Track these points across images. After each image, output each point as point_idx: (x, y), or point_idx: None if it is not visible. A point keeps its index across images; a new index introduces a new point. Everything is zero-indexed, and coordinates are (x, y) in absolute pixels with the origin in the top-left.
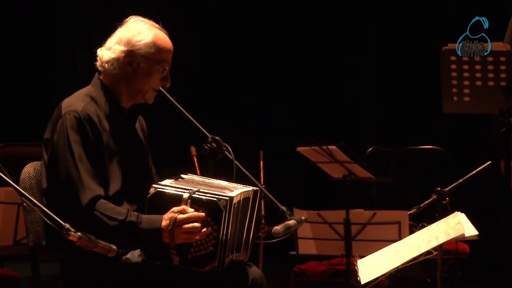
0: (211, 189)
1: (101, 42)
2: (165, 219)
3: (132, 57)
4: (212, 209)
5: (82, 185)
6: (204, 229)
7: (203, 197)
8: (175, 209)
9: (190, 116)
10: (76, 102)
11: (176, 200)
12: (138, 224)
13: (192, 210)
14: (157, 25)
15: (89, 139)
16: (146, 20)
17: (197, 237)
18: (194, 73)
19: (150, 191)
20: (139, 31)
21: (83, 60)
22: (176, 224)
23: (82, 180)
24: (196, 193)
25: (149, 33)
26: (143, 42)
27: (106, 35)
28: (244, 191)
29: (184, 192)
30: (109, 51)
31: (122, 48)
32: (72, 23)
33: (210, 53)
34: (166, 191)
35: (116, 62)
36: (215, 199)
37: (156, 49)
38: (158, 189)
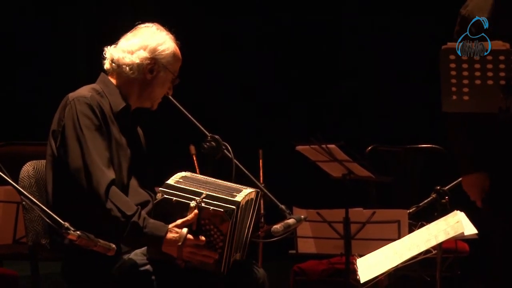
0: (218, 192)
1: (101, 42)
2: (172, 232)
3: (154, 64)
4: (219, 219)
5: (96, 169)
6: (206, 252)
7: (210, 208)
8: (180, 221)
9: (189, 114)
10: (83, 92)
11: (183, 208)
12: (143, 228)
13: (203, 240)
14: (170, 34)
15: (100, 124)
16: (162, 27)
17: (201, 256)
18: (193, 72)
19: (157, 196)
20: (163, 41)
21: (83, 60)
22: (185, 243)
23: (97, 164)
24: (204, 200)
25: (171, 43)
26: (166, 52)
27: (107, 35)
28: (249, 192)
29: (191, 200)
30: (130, 55)
31: (147, 55)
32: (73, 23)
33: (209, 52)
34: (173, 198)
35: (137, 67)
36: (222, 210)
37: (174, 60)
38: (165, 196)
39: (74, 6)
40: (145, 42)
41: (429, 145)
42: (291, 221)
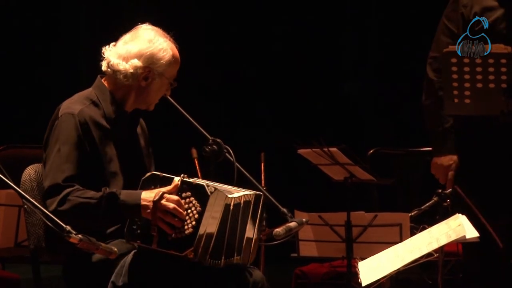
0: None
1: (103, 44)
2: (150, 191)
3: (149, 73)
4: (200, 192)
5: (60, 168)
6: (182, 213)
7: (193, 181)
8: (162, 189)
9: (191, 118)
10: (75, 104)
11: (168, 182)
12: (118, 195)
13: (177, 197)
14: (169, 37)
15: (81, 142)
16: (161, 31)
17: (174, 220)
18: (194, 75)
19: (146, 175)
20: (160, 49)
21: (85, 62)
22: (162, 198)
23: (60, 164)
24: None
25: (169, 51)
26: (162, 61)
27: (108, 36)
28: (245, 194)
29: (177, 176)
30: (125, 62)
31: (141, 64)
32: (74, 24)
33: (210, 53)
34: (161, 174)
35: (131, 75)
36: (204, 183)
37: (171, 67)
38: (153, 172)
39: (76, 6)
40: (140, 50)
41: (431, 148)
42: (292, 224)
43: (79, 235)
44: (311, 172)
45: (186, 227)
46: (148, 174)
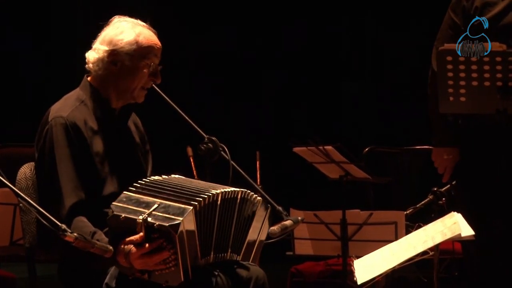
0: (175, 200)
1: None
2: (120, 250)
3: (115, 56)
4: (165, 233)
5: (61, 194)
6: (158, 255)
7: (155, 223)
8: (128, 239)
9: (186, 116)
10: (64, 108)
11: (132, 224)
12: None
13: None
14: (142, 23)
15: (74, 146)
16: (130, 19)
17: (154, 263)
18: (191, 73)
19: (109, 212)
20: (121, 30)
21: (81, 61)
22: (130, 257)
23: (61, 187)
24: (153, 213)
25: (131, 31)
26: (125, 40)
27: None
28: (227, 191)
29: (139, 214)
30: (94, 52)
31: (105, 48)
32: (71, 24)
33: (207, 53)
34: (122, 215)
35: (100, 62)
36: (167, 225)
37: (138, 46)
38: (114, 213)
39: (73, 6)
40: (105, 36)
41: (426, 147)
42: (288, 222)
43: (75, 234)
44: (306, 171)
45: (168, 265)
46: (110, 213)
